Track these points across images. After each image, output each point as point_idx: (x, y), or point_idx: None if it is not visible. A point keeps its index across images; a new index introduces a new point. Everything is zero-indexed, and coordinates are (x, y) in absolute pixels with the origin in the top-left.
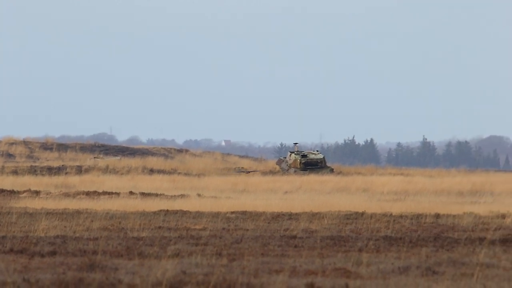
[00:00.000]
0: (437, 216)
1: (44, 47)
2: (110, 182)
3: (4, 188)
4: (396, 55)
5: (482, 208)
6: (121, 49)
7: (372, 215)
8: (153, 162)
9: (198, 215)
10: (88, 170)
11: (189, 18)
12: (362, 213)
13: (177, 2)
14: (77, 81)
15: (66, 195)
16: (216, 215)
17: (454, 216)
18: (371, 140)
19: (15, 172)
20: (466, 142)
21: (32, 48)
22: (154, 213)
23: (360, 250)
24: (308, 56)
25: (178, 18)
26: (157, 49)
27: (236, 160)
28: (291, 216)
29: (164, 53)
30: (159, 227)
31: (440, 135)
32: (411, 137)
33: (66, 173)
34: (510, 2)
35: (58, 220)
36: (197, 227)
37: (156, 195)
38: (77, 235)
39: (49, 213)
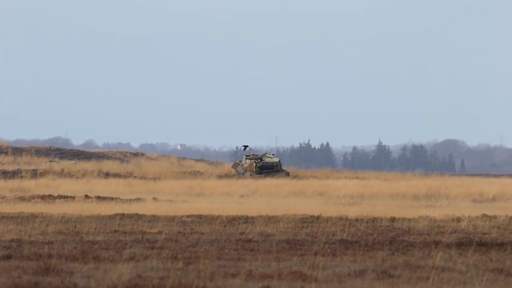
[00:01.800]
0: (393, 219)
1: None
2: (65, 186)
3: None
4: (349, 58)
5: (438, 211)
6: (75, 54)
7: (328, 219)
8: (109, 165)
9: (154, 218)
10: (43, 174)
11: (146, 14)
12: (318, 217)
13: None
14: (32, 83)
15: (21, 199)
16: (171, 219)
17: (409, 219)
18: (327, 143)
19: None
20: (421, 145)
21: None
22: (110, 216)
23: (316, 254)
24: (263, 59)
25: (139, 14)
26: (114, 49)
27: (192, 164)
28: (247, 220)
29: (121, 53)
30: (115, 231)
31: (396, 138)
32: (367, 141)
33: (21, 177)
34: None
35: (13, 224)
36: (152, 230)
37: (112, 198)
38: (33, 239)
39: (4, 217)
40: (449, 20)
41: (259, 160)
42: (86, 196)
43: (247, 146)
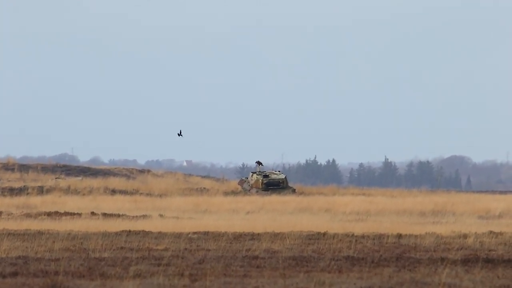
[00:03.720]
0: (399, 236)
1: (4, 63)
2: (72, 203)
3: None
4: (359, 74)
5: (444, 228)
6: (81, 71)
7: (334, 235)
8: (115, 182)
9: (160, 235)
10: (49, 190)
11: (148, 30)
12: (324, 234)
13: (144, 15)
14: (39, 100)
15: (28, 215)
16: (178, 236)
17: (416, 236)
18: (333, 160)
19: None
20: (427, 162)
21: None
22: (116, 233)
23: (322, 271)
24: (271, 74)
25: (144, 31)
26: (120, 66)
27: (198, 181)
28: (253, 237)
29: (128, 70)
30: (121, 248)
31: (402, 155)
32: (373, 157)
33: (27, 194)
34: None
35: (19, 241)
36: (159, 247)
37: (118, 215)
38: (39, 256)
39: (11, 234)
40: (455, 36)
41: (265, 177)
42: (93, 213)
43: (261, 163)
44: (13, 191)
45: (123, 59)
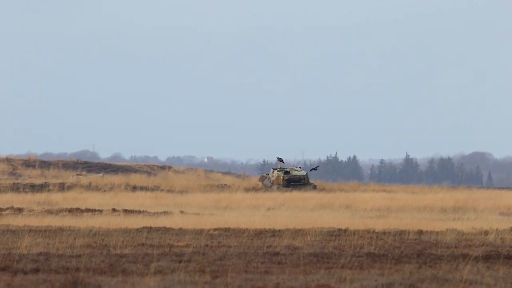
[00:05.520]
0: (420, 232)
1: (28, 62)
2: (93, 199)
3: None
4: (379, 71)
5: (465, 224)
6: (105, 65)
7: (355, 232)
8: (136, 179)
9: (181, 232)
10: (70, 187)
11: (171, 31)
12: (345, 230)
13: (160, 16)
14: (60, 97)
15: (49, 212)
16: (199, 232)
17: (437, 232)
18: (354, 156)
19: None
20: (448, 158)
21: (14, 63)
22: (137, 230)
23: (343, 267)
24: (293, 71)
25: (162, 31)
26: (141, 65)
27: (219, 177)
28: (274, 233)
29: (148, 68)
30: (142, 244)
31: (423, 151)
32: (394, 154)
33: (48, 190)
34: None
35: (41, 237)
36: (180, 244)
37: (139, 212)
38: (60, 252)
39: (32, 231)
40: (475, 32)
41: (286, 173)
42: (114, 210)
43: (282, 160)
44: (34, 188)
45: (144, 60)
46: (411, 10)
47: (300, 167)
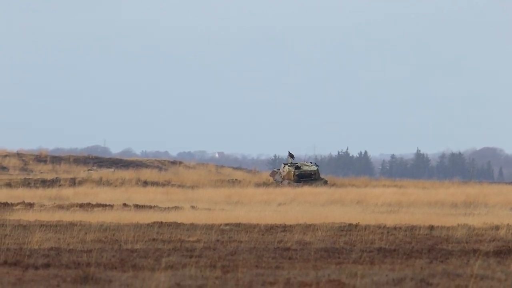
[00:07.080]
0: (431, 228)
1: (38, 57)
2: (104, 194)
3: None
4: (389, 66)
5: (476, 219)
6: (116, 61)
7: (366, 227)
8: (147, 174)
9: (192, 227)
10: (82, 182)
11: (182, 29)
12: (356, 225)
13: (176, 14)
14: (71, 93)
15: (60, 207)
16: (210, 227)
17: (448, 228)
18: (365, 152)
19: (8, 185)
20: (459, 153)
21: (25, 58)
22: (148, 225)
23: (354, 262)
24: (303, 66)
25: (173, 29)
26: (153, 60)
27: (230, 172)
28: (285, 228)
29: (160, 64)
30: (153, 239)
31: (434, 146)
32: (405, 149)
33: (60, 186)
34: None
35: (52, 232)
36: (191, 239)
37: (150, 207)
38: (71, 247)
39: (43, 226)
40: (485, 26)
41: (297, 168)
42: (125, 205)
43: (293, 155)
44: (45, 183)
45: (156, 55)
46: (428, 6)
47: (311, 162)
